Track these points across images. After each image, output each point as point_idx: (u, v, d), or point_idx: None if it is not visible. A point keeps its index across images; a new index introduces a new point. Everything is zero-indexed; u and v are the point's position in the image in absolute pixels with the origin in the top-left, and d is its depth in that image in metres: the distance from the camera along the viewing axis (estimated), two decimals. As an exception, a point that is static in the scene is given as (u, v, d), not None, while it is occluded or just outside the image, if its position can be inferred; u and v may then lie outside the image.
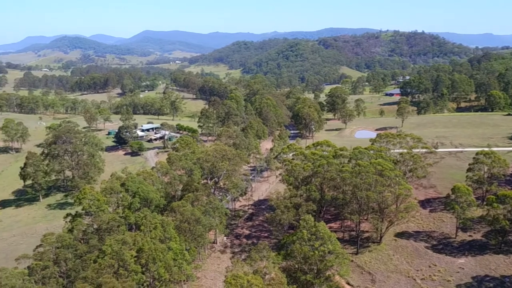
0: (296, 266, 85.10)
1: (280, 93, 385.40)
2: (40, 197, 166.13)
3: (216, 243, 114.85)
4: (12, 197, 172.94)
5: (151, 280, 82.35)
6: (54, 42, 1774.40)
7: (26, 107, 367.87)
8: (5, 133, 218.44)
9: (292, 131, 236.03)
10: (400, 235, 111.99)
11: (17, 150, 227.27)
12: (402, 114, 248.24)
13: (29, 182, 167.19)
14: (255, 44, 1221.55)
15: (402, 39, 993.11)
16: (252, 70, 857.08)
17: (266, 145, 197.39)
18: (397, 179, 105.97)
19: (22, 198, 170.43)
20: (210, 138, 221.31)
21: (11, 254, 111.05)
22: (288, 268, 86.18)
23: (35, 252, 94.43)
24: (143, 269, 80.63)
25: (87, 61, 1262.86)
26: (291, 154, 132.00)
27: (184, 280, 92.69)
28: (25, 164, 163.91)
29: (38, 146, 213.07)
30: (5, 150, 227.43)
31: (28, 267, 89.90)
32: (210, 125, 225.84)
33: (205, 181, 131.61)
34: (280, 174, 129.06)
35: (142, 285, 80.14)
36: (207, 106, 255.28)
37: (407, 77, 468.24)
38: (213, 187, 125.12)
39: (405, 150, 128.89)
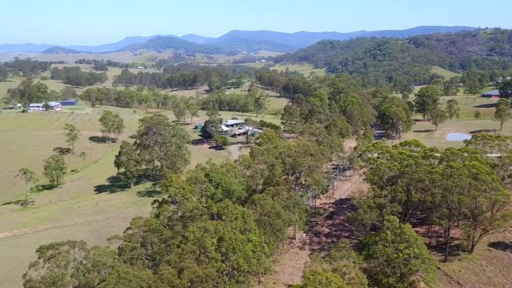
0: (378, 268, 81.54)
1: (366, 92, 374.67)
2: (131, 184, 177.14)
3: (295, 239, 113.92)
4: (107, 183, 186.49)
5: (230, 269, 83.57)
6: (149, 42, 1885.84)
7: (122, 101, 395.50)
8: (103, 124, 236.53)
9: (377, 131, 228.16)
10: (495, 245, 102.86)
11: (113, 140, 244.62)
12: (501, 116, 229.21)
13: (122, 170, 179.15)
14: (341, 43, 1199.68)
15: (503, 37, 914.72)
16: (337, 69, 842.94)
17: (350, 143, 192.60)
18: (494, 184, 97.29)
19: (116, 184, 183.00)
20: (292, 135, 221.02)
21: (104, 235, 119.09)
22: (369, 270, 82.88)
23: (125, 234, 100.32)
24: (223, 258, 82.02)
25: (178, 60, 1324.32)
26: (376, 153, 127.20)
27: (262, 273, 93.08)
28: (119, 152, 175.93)
29: (132, 137, 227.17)
30: (103, 140, 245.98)
31: (119, 247, 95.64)
32: (293, 122, 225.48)
33: (285, 176, 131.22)
34: (363, 173, 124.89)
35: (222, 273, 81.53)
36: (290, 104, 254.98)
37: (508, 78, 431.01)
38: (294, 182, 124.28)
39: (505, 154, 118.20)
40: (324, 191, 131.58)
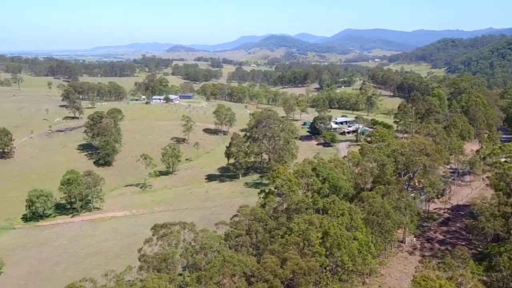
0: (501, 282, 72.98)
1: (492, 93, 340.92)
2: (240, 175, 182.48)
3: (404, 243, 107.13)
4: (217, 173, 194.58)
5: (334, 266, 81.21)
6: (263, 41, 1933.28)
7: (235, 96, 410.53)
8: (216, 116, 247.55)
9: (504, 135, 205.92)
10: None
11: (225, 133, 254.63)
12: None
13: (232, 160, 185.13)
14: (465, 42, 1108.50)
15: None
16: (458, 70, 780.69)
17: (471, 146, 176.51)
18: None
19: (225, 174, 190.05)
20: (405, 135, 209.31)
21: (212, 221, 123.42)
22: (490, 283, 74.57)
23: (232, 221, 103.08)
24: (327, 253, 79.93)
25: (289, 58, 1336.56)
26: (503, 157, 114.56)
27: (367, 274, 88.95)
28: (230, 144, 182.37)
29: (242, 130, 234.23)
30: (215, 132, 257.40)
31: (225, 233, 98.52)
32: (408, 121, 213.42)
33: (396, 176, 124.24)
34: (487, 177, 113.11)
35: (325, 268, 79.51)
36: (405, 102, 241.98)
37: None
38: (406, 183, 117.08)
39: None
40: (440, 195, 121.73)
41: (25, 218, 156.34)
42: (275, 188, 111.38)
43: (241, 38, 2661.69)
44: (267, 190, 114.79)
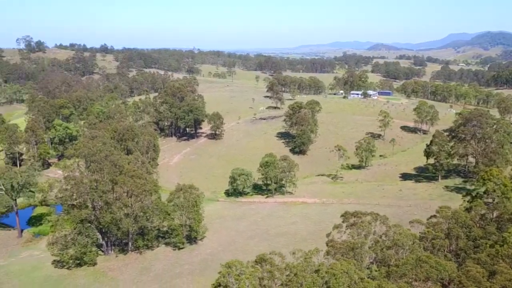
0: None
1: None
2: (439, 177, 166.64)
3: None
4: (413, 172, 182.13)
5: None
6: (475, 39, 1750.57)
7: (439, 95, 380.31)
8: (417, 114, 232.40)
9: None
10: None
11: (424, 132, 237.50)
12: None
13: (431, 160, 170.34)
14: None
15: None
16: None
17: None
18: None
19: (422, 174, 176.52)
20: None
21: (405, 220, 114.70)
22: None
23: (429, 221, 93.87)
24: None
25: (507, 58, 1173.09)
26: None
27: None
28: (431, 142, 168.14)
29: (445, 131, 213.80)
30: (413, 130, 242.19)
31: (420, 233, 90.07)
32: None
33: None
34: None
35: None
36: None
37: None
38: None
39: None
40: None
41: (227, 193, 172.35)
42: (484, 193, 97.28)
43: (449, 36, 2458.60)
44: (474, 194, 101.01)
